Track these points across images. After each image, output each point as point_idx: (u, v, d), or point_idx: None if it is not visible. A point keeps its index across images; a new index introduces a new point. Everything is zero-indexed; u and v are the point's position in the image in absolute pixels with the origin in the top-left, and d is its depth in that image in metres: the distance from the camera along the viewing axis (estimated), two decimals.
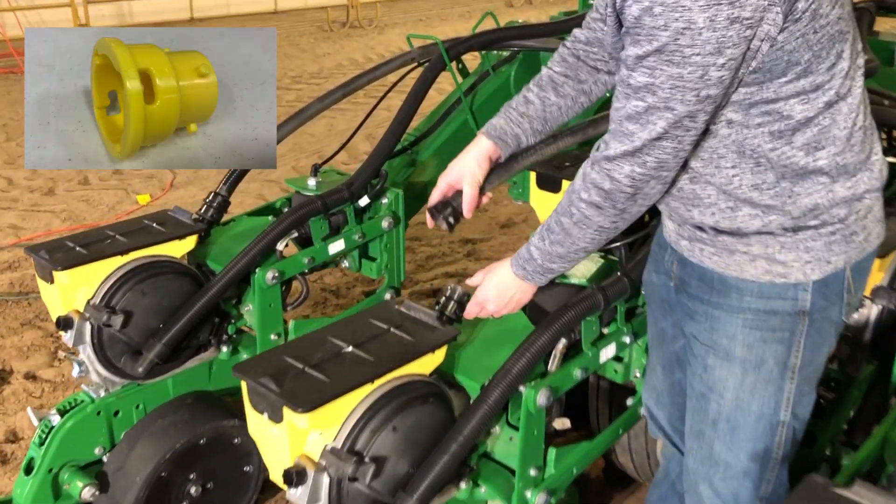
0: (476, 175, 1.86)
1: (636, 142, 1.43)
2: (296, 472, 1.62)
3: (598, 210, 1.54)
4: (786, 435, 1.66)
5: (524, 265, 1.74)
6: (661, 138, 1.41)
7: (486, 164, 1.87)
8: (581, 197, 1.54)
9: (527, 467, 1.90)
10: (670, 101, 1.37)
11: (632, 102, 1.41)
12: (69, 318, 2.23)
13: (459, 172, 1.87)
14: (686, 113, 1.39)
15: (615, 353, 2.06)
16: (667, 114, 1.39)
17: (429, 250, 4.56)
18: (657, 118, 1.39)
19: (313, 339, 1.81)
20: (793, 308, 1.56)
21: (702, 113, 1.40)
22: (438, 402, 1.79)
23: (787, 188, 1.49)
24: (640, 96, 1.39)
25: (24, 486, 2.23)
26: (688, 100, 1.37)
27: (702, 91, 1.36)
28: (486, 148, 1.87)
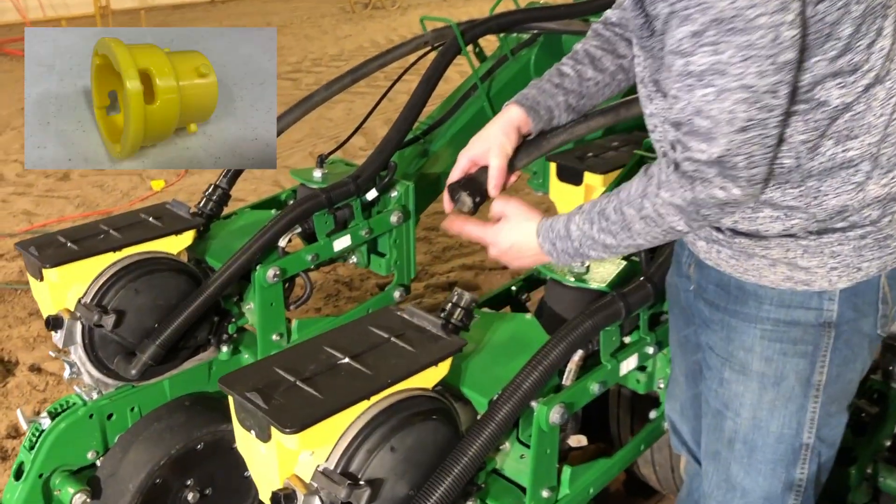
0: (505, 147, 1.63)
1: (719, 140, 1.21)
2: (284, 496, 1.49)
3: (677, 212, 1.32)
4: (811, 460, 1.52)
5: (555, 241, 1.49)
6: (745, 129, 1.20)
7: (515, 135, 1.65)
8: (660, 195, 1.32)
9: (539, 488, 1.76)
10: (745, 76, 1.17)
11: (698, 93, 1.20)
12: (59, 318, 2.12)
13: (484, 145, 1.65)
14: (766, 87, 1.18)
15: (637, 365, 1.91)
16: (744, 94, 1.18)
17: (446, 241, 4.42)
18: (733, 104, 1.18)
19: (307, 348, 1.68)
20: (816, 319, 1.42)
21: (783, 85, 1.19)
22: (442, 418, 1.65)
23: (813, 187, 1.33)
24: (707, 81, 1.19)
25: (14, 492, 2.14)
26: (765, 70, 1.16)
27: (778, 56, 1.16)
28: (515, 118, 1.65)
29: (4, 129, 6.45)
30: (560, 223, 1.49)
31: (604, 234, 1.42)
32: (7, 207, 5.01)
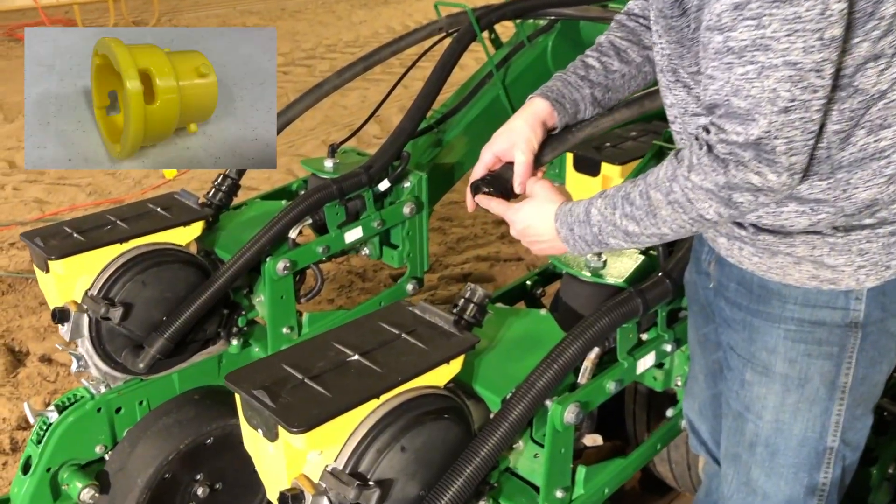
0: (531, 141, 1.56)
1: (759, 121, 1.14)
2: (291, 496, 1.45)
3: (708, 197, 1.24)
4: (835, 464, 1.48)
5: (573, 226, 1.41)
6: (788, 110, 1.13)
7: (541, 129, 1.58)
8: (691, 178, 1.24)
9: (552, 488, 1.72)
10: (790, 52, 1.10)
11: (737, 71, 1.14)
12: (66, 310, 2.09)
13: (509, 140, 1.59)
14: (811, 65, 1.11)
15: (655, 362, 1.86)
16: (788, 71, 1.11)
17: (460, 231, 4.37)
18: (776, 82, 1.11)
19: (316, 344, 1.64)
20: (843, 319, 1.37)
21: (828, 64, 1.12)
22: (454, 417, 1.61)
23: (842, 179, 1.28)
24: (749, 58, 1.12)
25: (22, 486, 2.12)
26: (811, 46, 1.10)
27: (826, 31, 1.09)
28: (541, 111, 1.58)
29: (17, 115, 6.44)
30: (580, 207, 1.41)
31: (627, 220, 1.34)
32: (19, 195, 5.00)
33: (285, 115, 2.52)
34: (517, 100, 2.77)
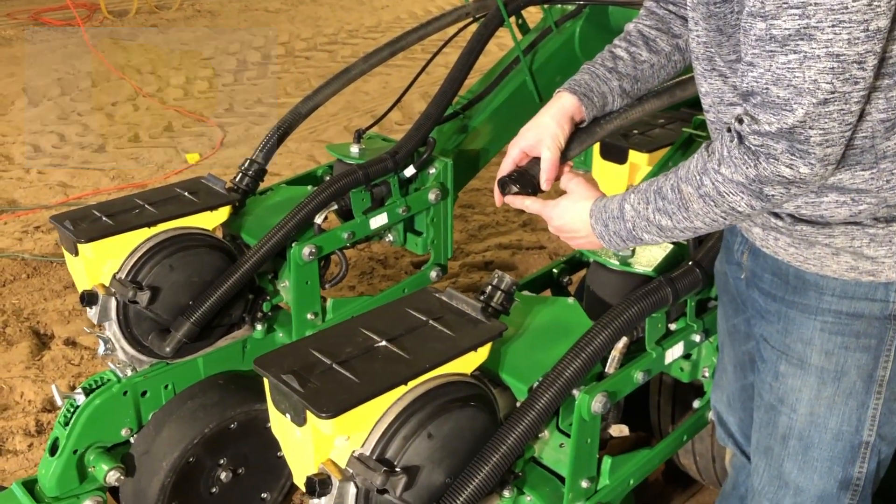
0: (557, 137, 1.57)
1: (798, 111, 1.12)
2: (319, 481, 1.46)
3: (739, 189, 1.23)
4: (870, 458, 1.45)
5: (607, 222, 1.41)
6: (827, 101, 1.11)
7: (568, 125, 1.58)
8: (721, 171, 1.24)
9: (578, 478, 1.71)
10: (834, 43, 1.07)
11: (779, 60, 1.12)
12: (94, 293, 2.10)
13: (536, 135, 1.58)
14: (854, 57, 1.08)
15: (683, 353, 1.84)
16: (831, 62, 1.09)
17: (482, 219, 4.35)
18: (818, 72, 1.09)
19: (344, 330, 1.64)
20: (882, 312, 1.34)
21: (871, 56, 1.09)
22: (480, 405, 1.61)
23: (886, 169, 1.24)
24: (792, 47, 1.10)
25: (49, 467, 2.13)
26: (856, 37, 1.07)
27: (871, 23, 1.07)
28: (568, 106, 1.58)
29: (41, 99, 6.48)
30: (614, 203, 1.41)
31: (660, 214, 1.33)
32: (43, 179, 5.04)
33: (312, 100, 2.52)
34: (544, 86, 2.75)
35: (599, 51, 1.67)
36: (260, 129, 5.76)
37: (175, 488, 2.15)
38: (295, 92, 6.51)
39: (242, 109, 6.21)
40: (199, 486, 2.24)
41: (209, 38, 8.15)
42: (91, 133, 5.79)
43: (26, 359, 3.26)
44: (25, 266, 3.97)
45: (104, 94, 6.56)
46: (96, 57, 7.38)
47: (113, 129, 5.86)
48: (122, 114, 6.15)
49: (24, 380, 3.14)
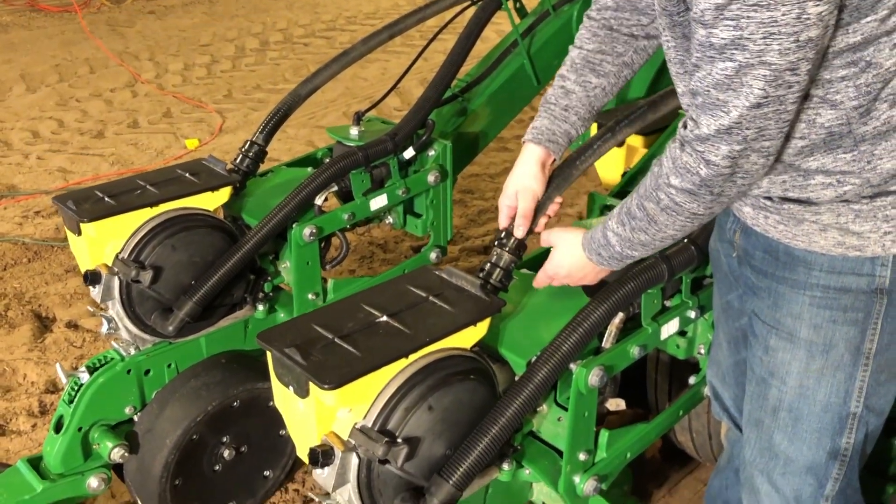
0: (531, 189, 1.73)
1: (732, 113, 1.20)
2: (322, 452, 1.49)
3: (691, 196, 1.33)
4: (857, 429, 1.49)
5: (599, 251, 1.55)
6: (762, 104, 1.19)
7: (542, 172, 1.74)
8: (671, 182, 1.34)
9: (575, 451, 1.74)
10: (765, 53, 1.14)
11: (718, 66, 1.19)
12: (97, 273, 2.12)
13: (515, 189, 1.74)
14: (786, 65, 1.15)
15: (678, 329, 1.87)
16: (763, 70, 1.16)
17: (482, 204, 4.38)
18: (752, 78, 1.17)
19: (345, 306, 1.66)
20: (868, 285, 1.37)
21: (804, 62, 1.16)
22: (479, 379, 1.64)
23: (866, 151, 1.28)
24: (728, 55, 1.17)
25: (54, 445, 2.16)
26: (786, 48, 1.14)
27: (801, 34, 1.13)
28: (537, 155, 1.73)
29: (39, 86, 6.48)
30: (598, 233, 1.55)
31: (636, 232, 1.46)
32: (43, 164, 5.05)
33: (312, 83, 2.54)
34: (542, 69, 2.77)
35: None
36: (259, 114, 5.77)
37: (179, 465, 2.19)
38: (293, 78, 6.52)
39: (241, 95, 6.21)
40: (203, 463, 2.27)
41: (207, 24, 8.14)
42: (90, 119, 5.80)
43: (28, 341, 3.28)
44: (26, 250, 3.99)
45: (102, 81, 6.56)
46: (94, 43, 7.37)
47: (112, 115, 5.87)
48: (121, 100, 6.16)
49: (27, 362, 3.16)
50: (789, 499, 1.55)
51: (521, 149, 1.77)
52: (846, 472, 1.52)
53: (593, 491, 1.77)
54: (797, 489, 1.54)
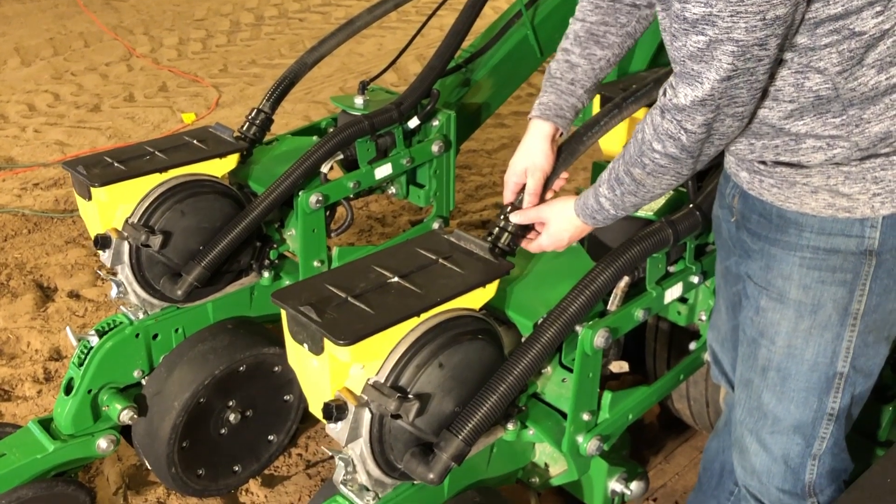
0: (540, 165, 1.75)
1: (705, 84, 1.27)
2: (336, 407, 1.53)
3: (674, 160, 1.40)
4: (844, 389, 1.52)
5: (594, 215, 1.60)
6: (732, 76, 1.25)
7: (550, 147, 1.76)
8: (654, 148, 1.40)
9: (579, 411, 1.79)
10: (733, 30, 1.20)
11: (691, 38, 1.25)
12: (107, 237, 2.14)
13: (523, 165, 1.77)
14: (753, 41, 1.21)
15: (681, 294, 1.91)
16: (731, 46, 1.22)
17: (479, 179, 4.40)
18: (722, 53, 1.23)
19: (357, 267, 1.69)
20: (857, 247, 1.41)
21: (772, 38, 1.22)
22: (488, 339, 1.67)
23: (855, 115, 1.32)
24: (699, 29, 1.23)
25: (65, 406, 2.19)
26: (753, 25, 1.19)
27: (768, 13, 1.18)
28: (545, 131, 1.76)
29: (34, 59, 6.44)
30: (590, 199, 1.60)
31: (627, 196, 1.52)
32: (40, 138, 5.04)
33: (318, 51, 2.55)
34: (545, 41, 2.79)
35: None
36: (255, 89, 5.76)
37: (186, 428, 2.22)
38: (289, 53, 6.50)
39: (237, 70, 6.20)
40: (209, 426, 2.31)
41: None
42: (85, 92, 5.78)
43: (31, 310, 3.30)
44: (26, 221, 3.99)
45: (97, 55, 6.53)
46: (88, 17, 7.32)
47: (107, 88, 5.85)
48: (116, 74, 6.13)
49: (31, 330, 3.19)
50: (777, 457, 1.59)
51: (519, 125, 1.82)
52: (833, 432, 1.55)
53: (595, 451, 1.82)
54: (785, 448, 1.57)
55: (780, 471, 1.59)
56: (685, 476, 2.48)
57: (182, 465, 2.26)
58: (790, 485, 1.59)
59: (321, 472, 2.54)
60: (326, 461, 2.58)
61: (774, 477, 1.60)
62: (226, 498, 2.44)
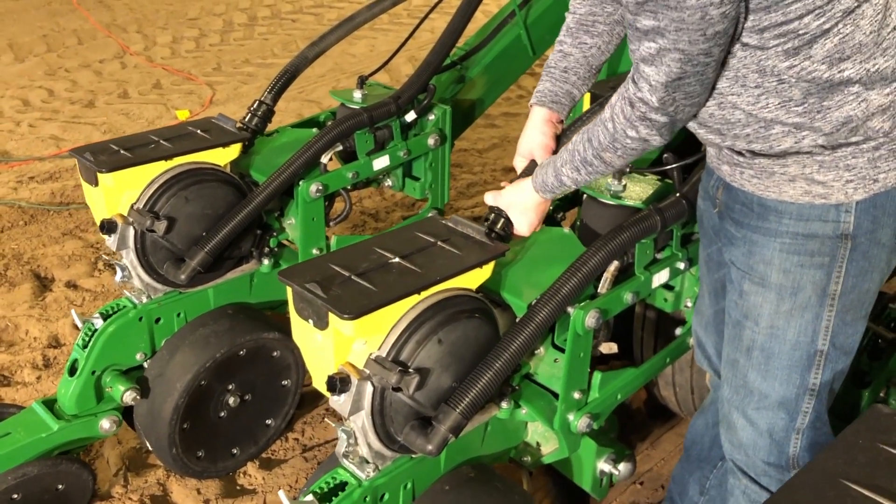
0: (546, 145, 1.88)
1: (657, 86, 1.40)
2: (339, 380, 1.59)
3: (645, 142, 1.53)
4: (825, 365, 1.60)
5: (554, 191, 1.74)
6: (681, 77, 1.38)
7: (551, 130, 1.88)
8: (627, 135, 1.52)
9: (571, 390, 1.86)
10: (678, 42, 1.34)
11: (644, 45, 1.38)
12: (113, 222, 2.21)
13: (529, 147, 1.89)
14: (698, 51, 1.35)
15: (668, 279, 2.00)
16: (678, 55, 1.35)
17: (470, 177, 4.48)
18: (670, 59, 1.36)
19: (359, 249, 1.77)
20: (834, 231, 1.49)
21: (715, 47, 1.36)
22: (484, 317, 1.75)
23: (814, 104, 1.40)
24: (651, 38, 1.36)
25: (69, 387, 2.25)
26: (695, 39, 1.33)
27: (707, 30, 1.32)
28: (545, 116, 1.88)
29: (28, 55, 6.48)
30: (550, 178, 1.71)
31: (592, 174, 1.65)
32: (35, 132, 5.08)
33: (319, 46, 2.63)
34: (537, 41, 2.87)
35: None
36: (248, 87, 5.82)
37: (187, 409, 2.28)
38: (282, 53, 6.57)
39: (230, 69, 6.26)
40: (209, 409, 2.37)
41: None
42: (80, 89, 5.82)
43: (29, 299, 3.35)
44: (23, 213, 4.04)
45: (90, 52, 6.57)
46: (80, 15, 7.36)
47: (101, 85, 5.89)
48: (110, 71, 6.18)
49: (29, 318, 3.23)
50: (763, 431, 1.67)
51: (509, 125, 1.92)
52: (815, 406, 1.64)
53: (586, 428, 1.89)
54: (770, 422, 1.65)
55: (766, 444, 1.67)
56: (671, 461, 2.56)
57: (183, 446, 2.32)
58: (775, 457, 1.67)
59: (317, 456, 2.60)
60: (322, 446, 2.65)
61: (760, 450, 1.68)
62: (224, 480, 2.50)
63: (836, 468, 1.20)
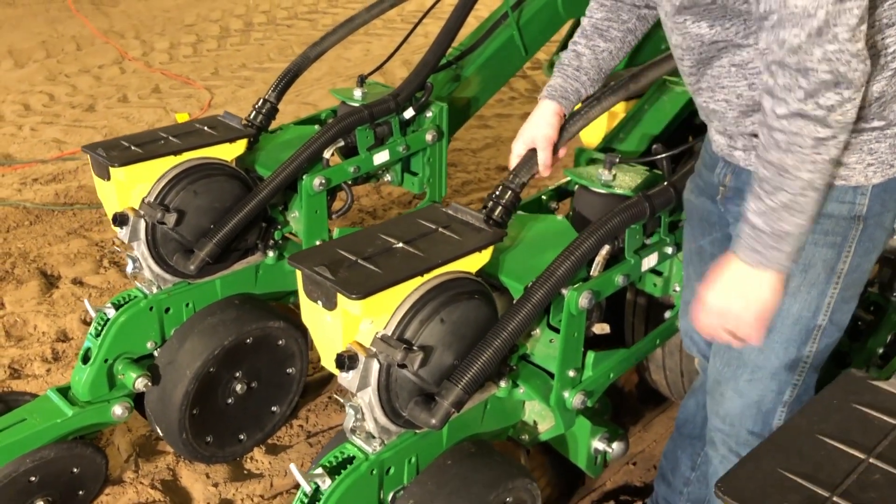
0: (548, 136, 1.94)
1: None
2: (348, 357, 1.69)
3: (803, 118, 1.34)
4: (820, 340, 1.66)
5: (754, 245, 1.46)
6: None
7: (556, 122, 1.95)
8: (778, 114, 1.35)
9: (566, 368, 1.96)
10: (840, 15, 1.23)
11: (792, 32, 1.26)
12: (125, 215, 2.29)
13: (532, 135, 1.95)
14: None
15: (656, 263, 2.10)
16: None
17: (465, 176, 4.59)
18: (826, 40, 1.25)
19: (364, 235, 1.86)
20: (849, 212, 1.52)
21: None
22: (483, 299, 1.85)
23: None
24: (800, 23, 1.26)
25: (82, 375, 2.33)
26: None
27: None
28: (553, 109, 1.94)
29: (27, 61, 6.56)
30: (742, 233, 1.48)
31: (772, 195, 1.42)
32: (37, 136, 5.16)
33: (320, 46, 2.73)
34: (529, 41, 2.98)
35: (580, 10, 1.98)
36: (246, 91, 5.92)
37: (197, 395, 2.37)
38: (278, 58, 6.66)
39: (228, 73, 6.35)
40: (217, 396, 2.46)
41: (190, 5, 8.23)
42: (80, 93, 5.91)
43: (37, 295, 3.43)
44: (28, 214, 4.12)
45: (89, 57, 6.66)
46: (79, 21, 7.45)
47: (101, 90, 5.98)
48: (110, 76, 6.26)
49: (37, 314, 3.32)
50: (752, 402, 1.74)
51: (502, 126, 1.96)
52: (805, 380, 1.72)
53: (580, 405, 1.99)
54: (761, 393, 1.72)
55: (752, 413, 1.74)
56: (662, 443, 2.65)
57: (192, 431, 2.41)
58: (759, 427, 1.75)
59: (321, 441, 2.69)
60: (325, 432, 2.74)
61: (746, 420, 1.75)
62: (232, 464, 2.59)
63: (812, 425, 1.30)
